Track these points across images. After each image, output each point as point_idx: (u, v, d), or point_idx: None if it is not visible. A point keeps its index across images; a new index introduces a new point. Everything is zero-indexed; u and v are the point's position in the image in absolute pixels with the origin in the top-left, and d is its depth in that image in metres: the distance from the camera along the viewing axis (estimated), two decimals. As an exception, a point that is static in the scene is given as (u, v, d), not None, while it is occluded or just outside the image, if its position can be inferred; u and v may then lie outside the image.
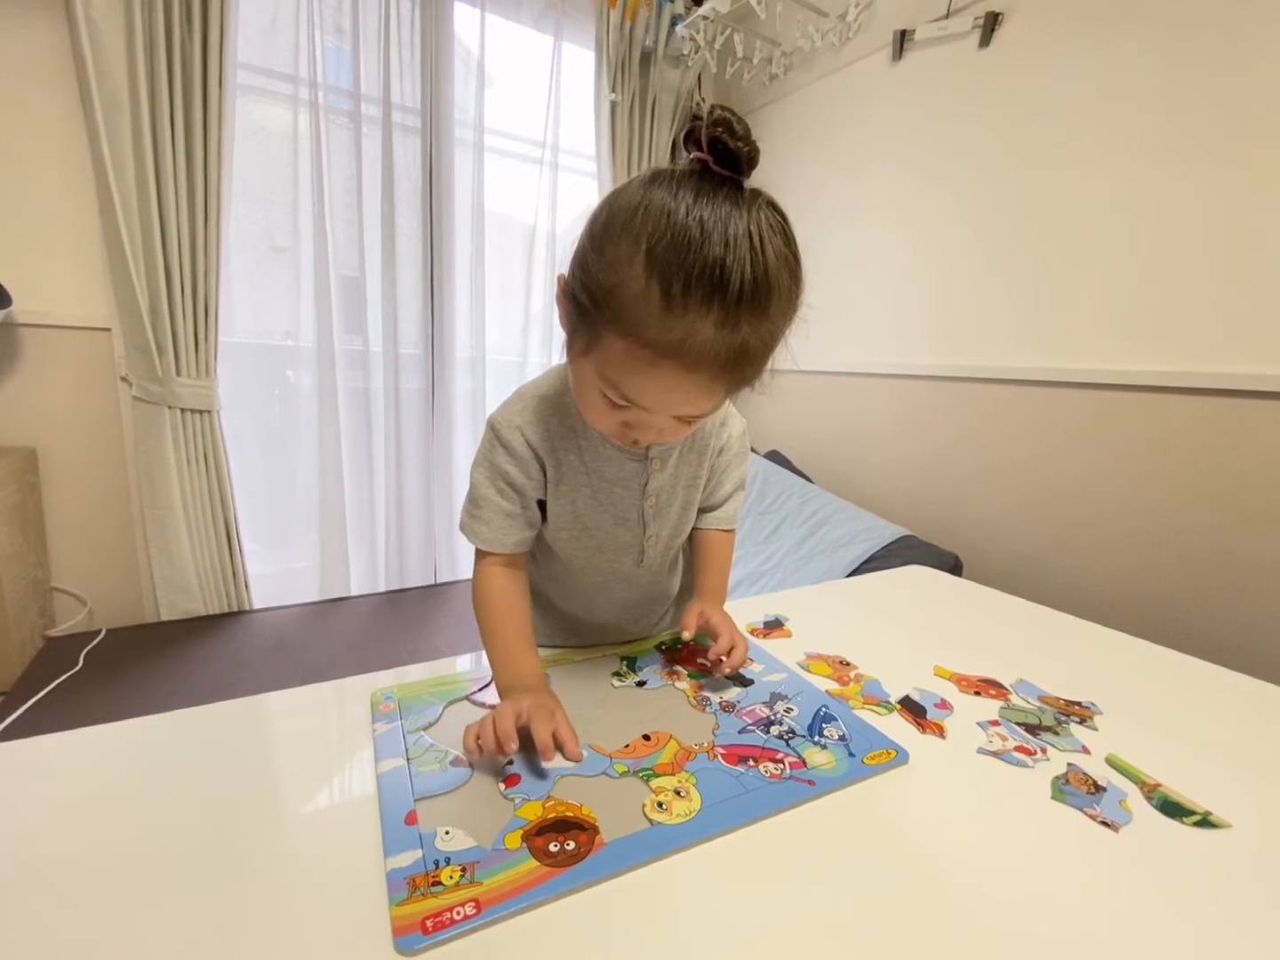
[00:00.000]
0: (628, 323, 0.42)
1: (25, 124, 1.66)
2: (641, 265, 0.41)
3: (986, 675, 0.66)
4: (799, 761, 0.50)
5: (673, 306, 0.41)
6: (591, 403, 0.50)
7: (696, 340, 0.42)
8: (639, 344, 0.42)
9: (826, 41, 2.08)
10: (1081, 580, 1.52)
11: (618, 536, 0.64)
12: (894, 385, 1.99)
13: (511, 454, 0.58)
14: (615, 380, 0.46)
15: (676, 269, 0.40)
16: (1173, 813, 0.46)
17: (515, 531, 0.60)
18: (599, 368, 0.47)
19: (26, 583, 1.69)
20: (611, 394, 0.47)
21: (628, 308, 0.42)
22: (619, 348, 0.44)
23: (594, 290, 0.44)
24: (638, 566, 0.66)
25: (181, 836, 0.40)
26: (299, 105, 1.94)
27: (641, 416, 0.48)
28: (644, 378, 0.45)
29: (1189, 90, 1.29)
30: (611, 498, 0.61)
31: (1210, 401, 1.30)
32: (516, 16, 2.26)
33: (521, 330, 2.47)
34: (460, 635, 2.03)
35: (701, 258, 0.40)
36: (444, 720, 0.54)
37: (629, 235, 0.42)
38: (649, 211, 0.42)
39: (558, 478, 0.60)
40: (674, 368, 0.43)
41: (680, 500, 0.65)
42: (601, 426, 0.53)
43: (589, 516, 0.62)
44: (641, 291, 0.41)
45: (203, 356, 1.86)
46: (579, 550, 0.64)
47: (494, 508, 0.59)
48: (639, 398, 0.46)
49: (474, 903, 0.35)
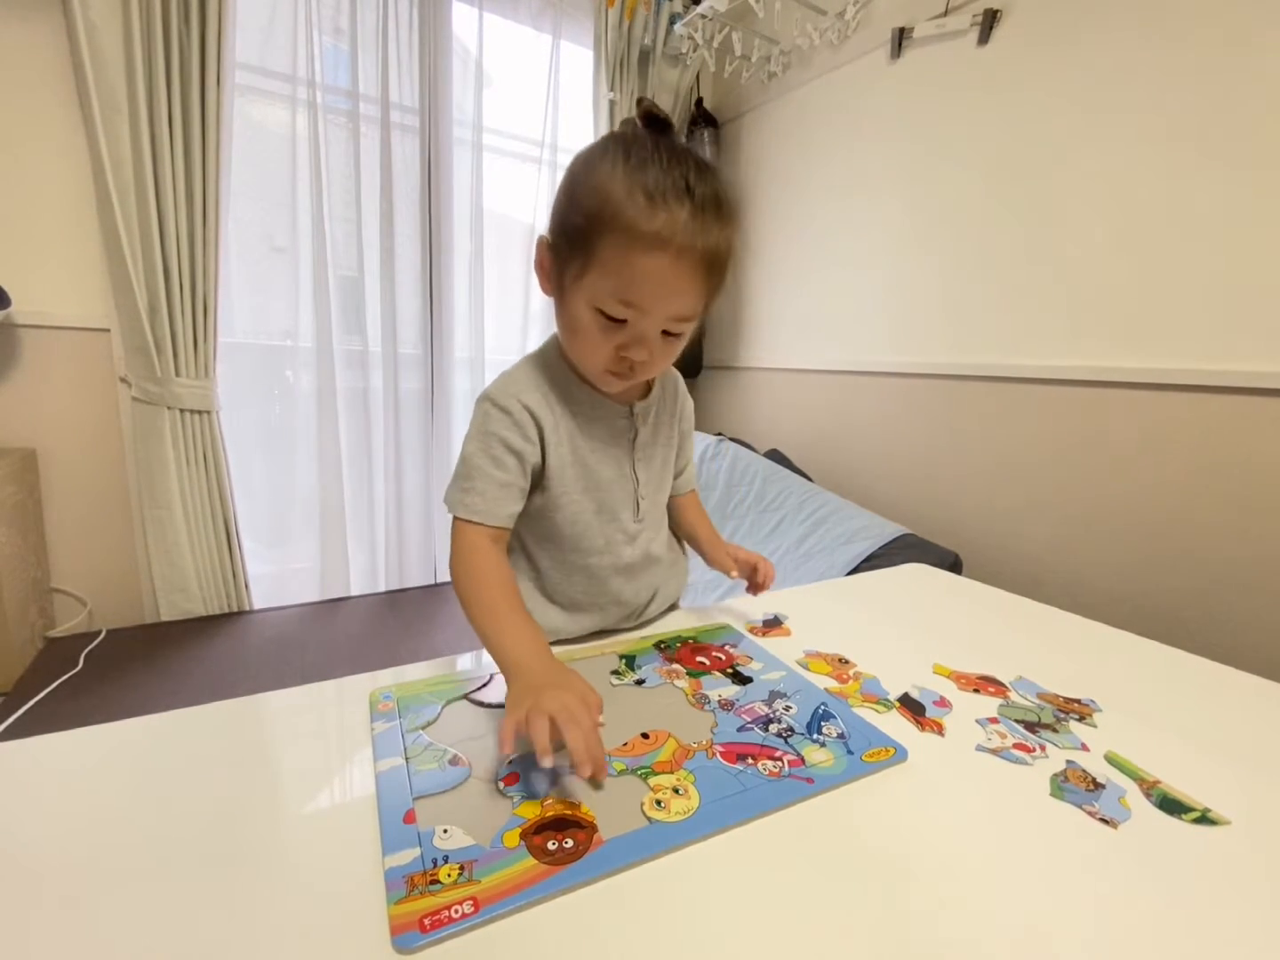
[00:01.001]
0: (619, 224, 0.50)
1: (24, 125, 1.66)
2: (622, 178, 0.51)
3: (985, 673, 0.66)
4: (798, 759, 0.50)
5: (654, 201, 0.50)
6: (588, 331, 0.56)
7: (678, 229, 0.50)
8: (632, 237, 0.50)
9: (825, 39, 2.08)
10: (1081, 578, 1.52)
11: (614, 492, 0.68)
12: (893, 383, 1.99)
13: (511, 417, 0.60)
14: (614, 284, 0.52)
15: (652, 177, 0.50)
16: (1172, 809, 0.46)
17: (509, 502, 0.61)
18: (596, 282, 0.53)
19: (26, 583, 1.69)
20: (609, 305, 0.53)
21: (617, 211, 0.50)
22: (614, 248, 0.51)
23: (583, 214, 0.52)
24: (635, 520, 0.70)
25: (181, 836, 0.40)
26: (297, 105, 1.94)
27: (637, 328, 0.55)
28: (640, 270, 0.51)
29: (1187, 88, 1.29)
30: (606, 455, 0.66)
31: (1210, 399, 1.30)
32: (514, 15, 2.26)
33: (520, 330, 2.47)
34: (459, 635, 2.03)
35: (668, 172, 0.51)
36: (443, 719, 0.54)
37: (605, 164, 0.52)
38: (619, 149, 0.53)
39: (556, 440, 0.63)
40: (663, 256, 0.51)
41: (660, 457, 0.72)
42: (597, 360, 0.58)
43: (590, 473, 0.66)
44: (626, 195, 0.50)
45: (202, 357, 1.86)
46: (582, 511, 0.66)
47: (488, 478, 0.60)
48: (637, 293, 0.52)
49: (472, 901, 0.35)
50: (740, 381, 2.63)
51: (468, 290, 2.32)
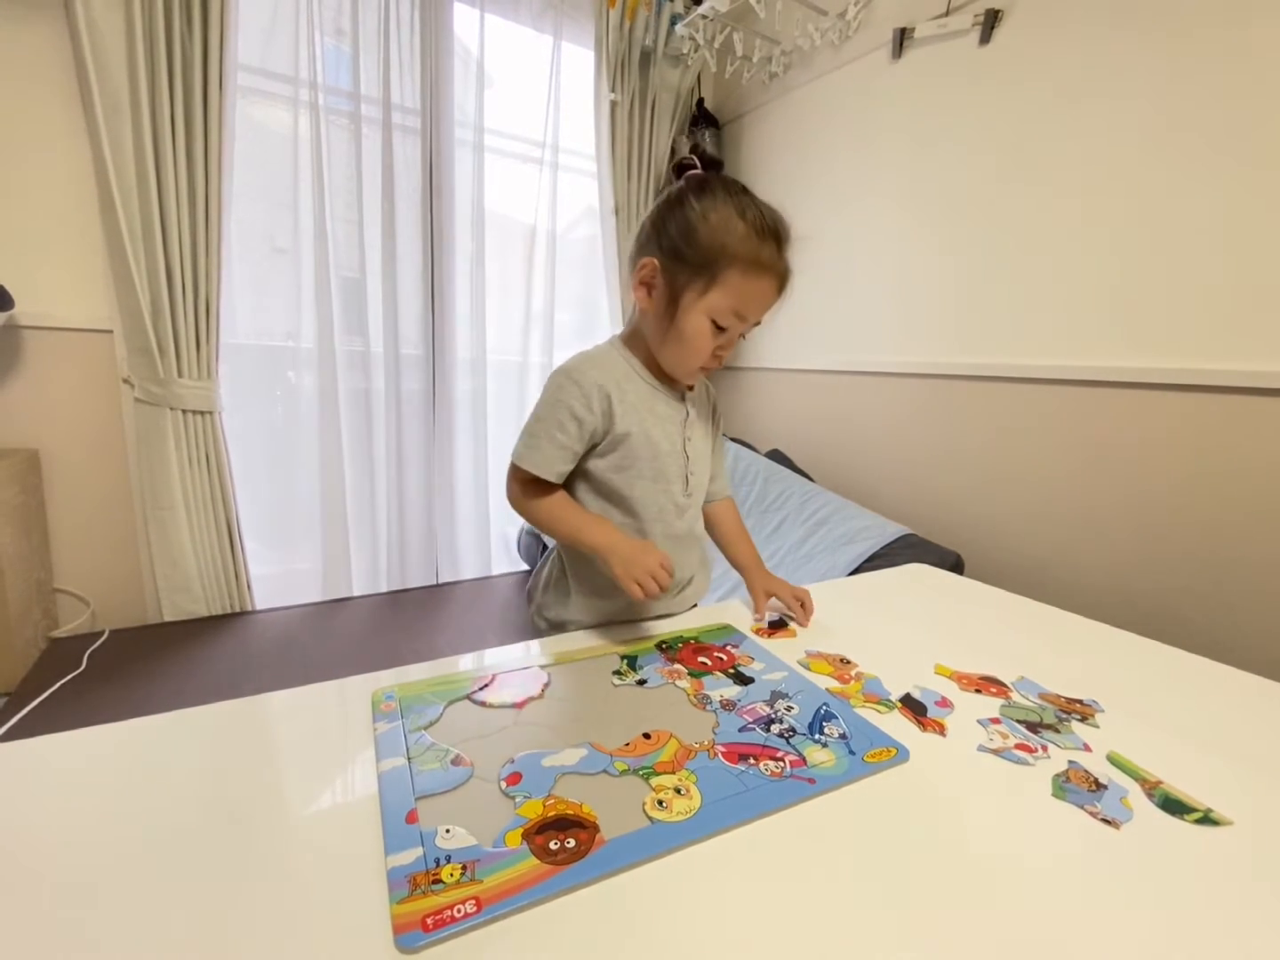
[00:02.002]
0: (742, 256, 0.67)
1: (26, 126, 1.67)
2: (739, 222, 0.67)
3: (987, 673, 0.66)
4: (799, 759, 0.50)
5: (763, 241, 0.68)
6: (698, 339, 0.71)
7: (776, 259, 0.69)
8: (751, 265, 0.68)
9: (826, 40, 2.07)
10: (1083, 578, 1.52)
11: (669, 464, 0.77)
12: (895, 384, 1.99)
13: (581, 389, 0.72)
14: (734, 302, 0.69)
15: (752, 218, 0.68)
16: (1174, 810, 0.46)
17: (560, 462, 0.74)
18: (718, 301, 0.69)
19: (30, 584, 1.70)
20: (724, 317, 0.69)
21: (739, 247, 0.67)
22: (738, 277, 0.68)
23: (710, 248, 0.68)
24: (685, 494, 0.79)
25: (183, 835, 0.40)
26: (299, 106, 1.95)
27: (733, 334, 0.72)
28: (755, 289, 0.69)
29: (1189, 87, 1.29)
30: (665, 430, 0.77)
31: (1212, 398, 1.29)
32: (516, 16, 2.26)
33: (522, 330, 2.47)
34: (461, 635, 2.03)
35: (762, 214, 0.69)
36: (445, 719, 0.54)
37: (722, 204, 0.68)
38: (727, 194, 0.69)
39: (624, 410, 0.74)
40: (768, 280, 0.69)
41: (702, 445, 0.83)
42: (699, 360, 0.73)
43: (652, 443, 0.76)
44: (745, 236, 0.67)
45: (204, 358, 1.86)
46: (642, 475, 0.76)
47: (549, 439, 0.72)
48: (747, 308, 0.70)
49: (474, 900, 0.36)
50: (742, 382, 2.63)
51: (469, 291, 2.32)
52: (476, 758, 0.48)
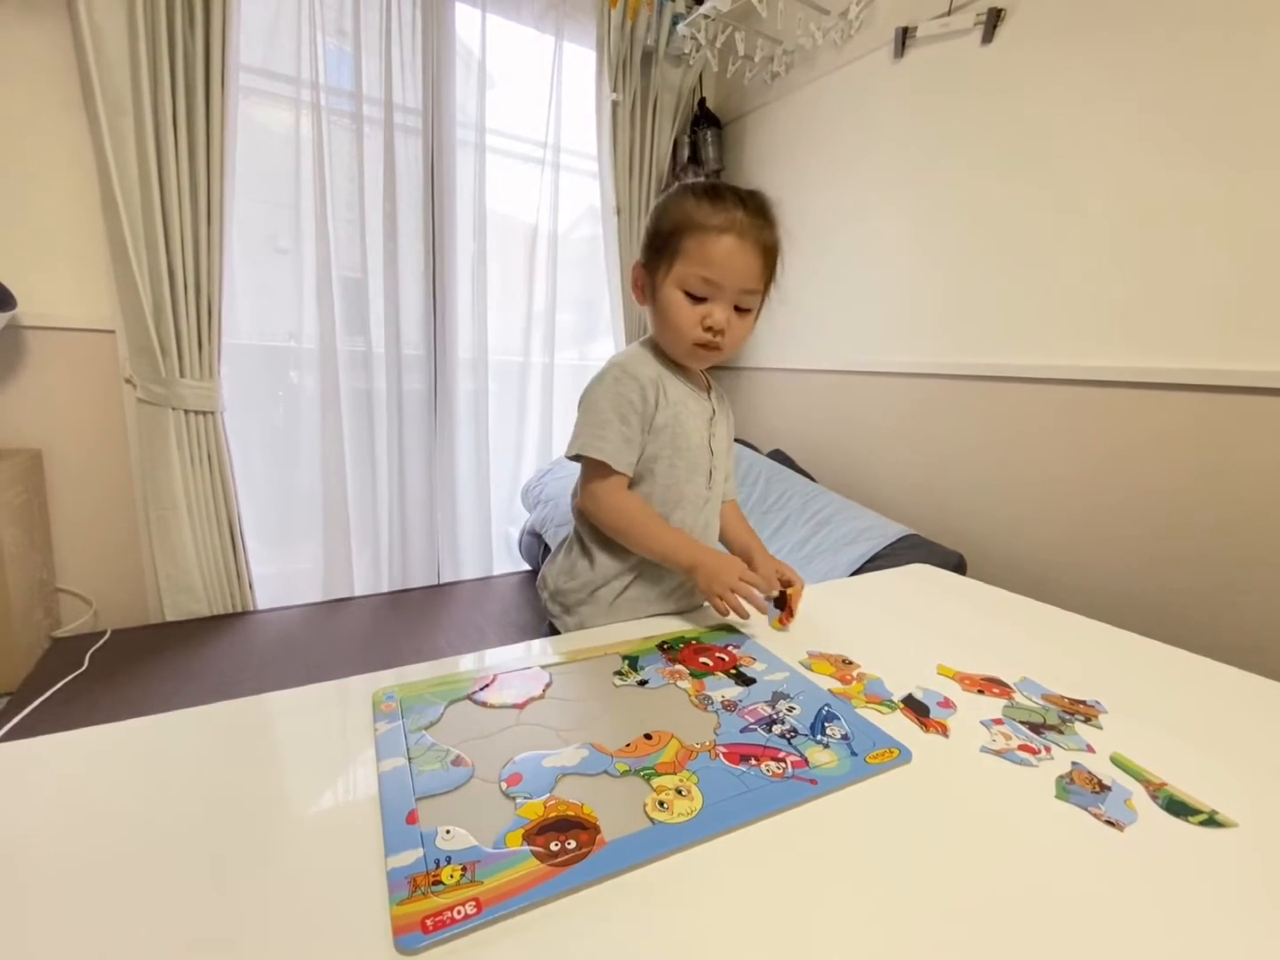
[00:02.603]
0: (694, 225, 0.69)
1: (28, 127, 1.67)
2: (692, 199, 0.71)
3: (990, 674, 0.65)
4: (801, 760, 0.49)
5: (716, 205, 0.70)
6: (677, 311, 0.72)
7: (738, 220, 0.69)
8: (704, 230, 0.69)
9: (828, 39, 2.07)
10: (1086, 578, 1.52)
11: (697, 457, 0.80)
12: (897, 384, 1.98)
13: (638, 382, 0.75)
14: (696, 266, 0.70)
15: (714, 193, 0.70)
16: (1178, 812, 0.46)
17: (629, 453, 0.75)
18: (682, 270, 0.71)
19: (32, 584, 1.70)
20: (693, 284, 0.70)
21: (691, 217, 0.70)
22: (693, 242, 0.70)
23: (668, 228, 0.71)
24: (707, 488, 0.82)
25: (183, 836, 0.40)
26: (301, 107, 1.95)
27: (715, 304, 0.71)
28: (714, 251, 0.69)
29: (1192, 86, 1.28)
30: (695, 424, 0.80)
31: (1216, 398, 1.29)
32: (517, 16, 2.26)
33: (523, 330, 2.47)
34: (462, 635, 2.03)
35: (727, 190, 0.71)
36: (445, 720, 0.54)
37: (679, 195, 0.73)
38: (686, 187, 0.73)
39: (665, 403, 0.76)
40: (730, 238, 0.69)
41: (724, 441, 0.85)
42: (686, 334, 0.73)
43: (685, 435, 0.78)
44: (695, 206, 0.70)
45: (206, 358, 1.87)
46: (675, 465, 0.78)
47: (616, 431, 0.74)
48: (713, 270, 0.70)
49: (474, 902, 0.35)
50: (743, 382, 2.63)
51: (471, 291, 2.32)
52: (477, 758, 0.48)
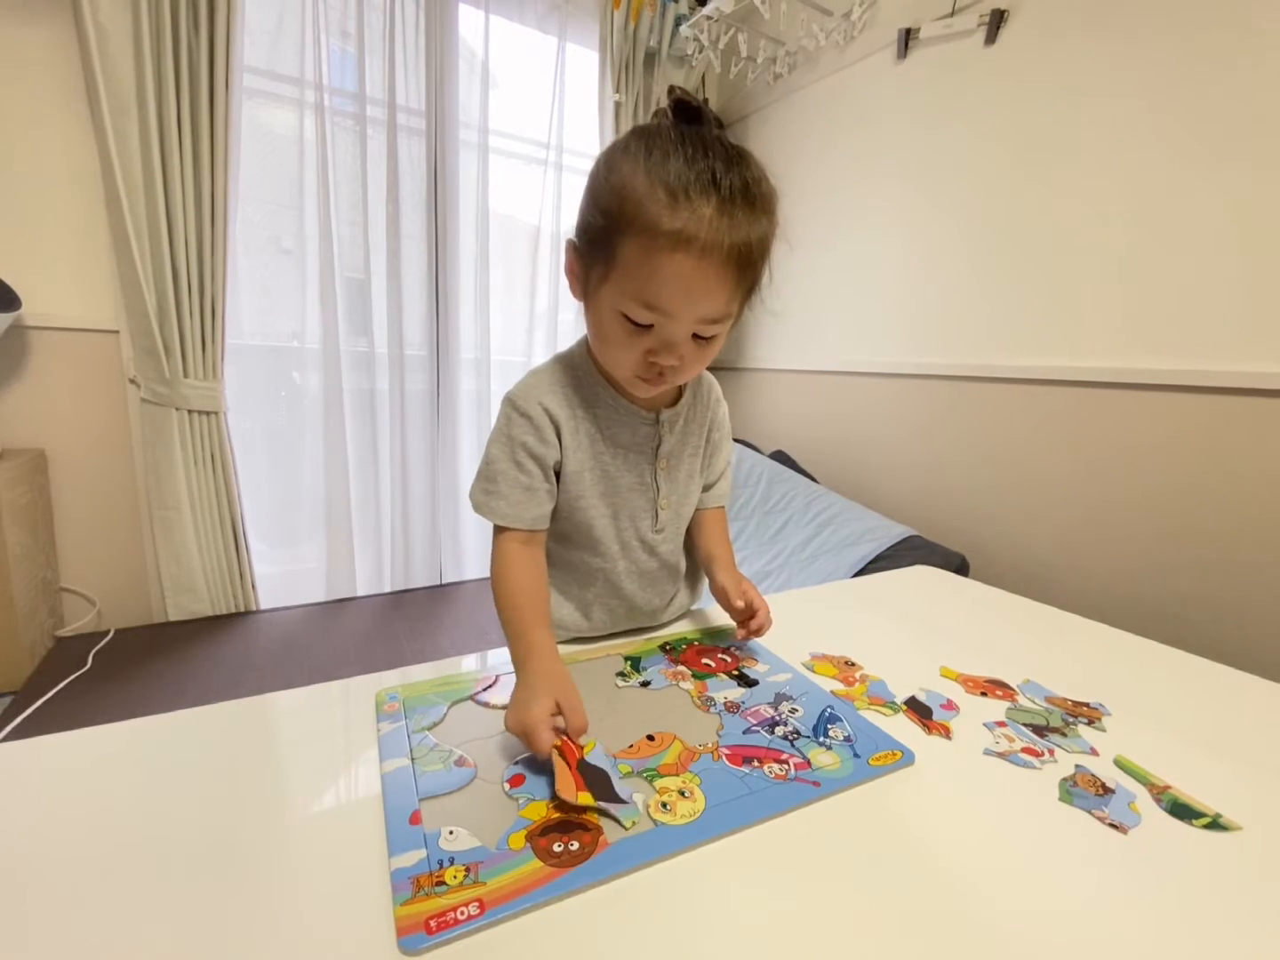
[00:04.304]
0: (640, 222, 0.47)
1: (33, 127, 1.68)
2: (643, 175, 0.48)
3: (993, 676, 0.65)
4: (804, 762, 0.49)
5: (676, 198, 0.47)
6: (614, 336, 0.54)
7: (701, 226, 0.47)
8: (652, 237, 0.47)
9: (831, 40, 2.07)
10: (1089, 581, 1.51)
11: (633, 501, 0.66)
12: (900, 385, 1.98)
13: (531, 422, 0.60)
14: (638, 287, 0.50)
15: (674, 171, 0.47)
16: (1182, 815, 0.46)
17: (533, 506, 0.61)
18: (619, 285, 0.51)
19: (36, 583, 1.71)
20: (634, 309, 0.51)
21: (638, 208, 0.47)
22: (635, 249, 0.48)
23: (604, 211, 0.50)
24: (654, 531, 0.68)
25: (186, 835, 0.40)
26: (304, 108, 1.95)
27: (664, 333, 0.52)
28: (662, 272, 0.48)
29: (1197, 86, 1.28)
30: (627, 462, 0.65)
31: (1219, 400, 1.28)
32: (520, 18, 2.26)
33: (526, 331, 2.48)
34: (465, 635, 2.03)
35: (693, 164, 0.47)
36: (448, 720, 0.54)
37: (628, 160, 0.49)
38: (641, 144, 0.49)
39: (575, 444, 0.62)
40: (686, 256, 0.47)
41: (686, 468, 0.69)
42: (625, 364, 0.56)
43: (608, 479, 0.64)
44: (647, 191, 0.47)
45: (210, 358, 1.87)
46: (599, 516, 0.65)
47: (511, 482, 0.60)
48: (660, 297, 0.49)
49: (478, 903, 0.35)
50: (745, 382, 2.63)
51: (473, 292, 2.32)
52: (480, 759, 0.48)
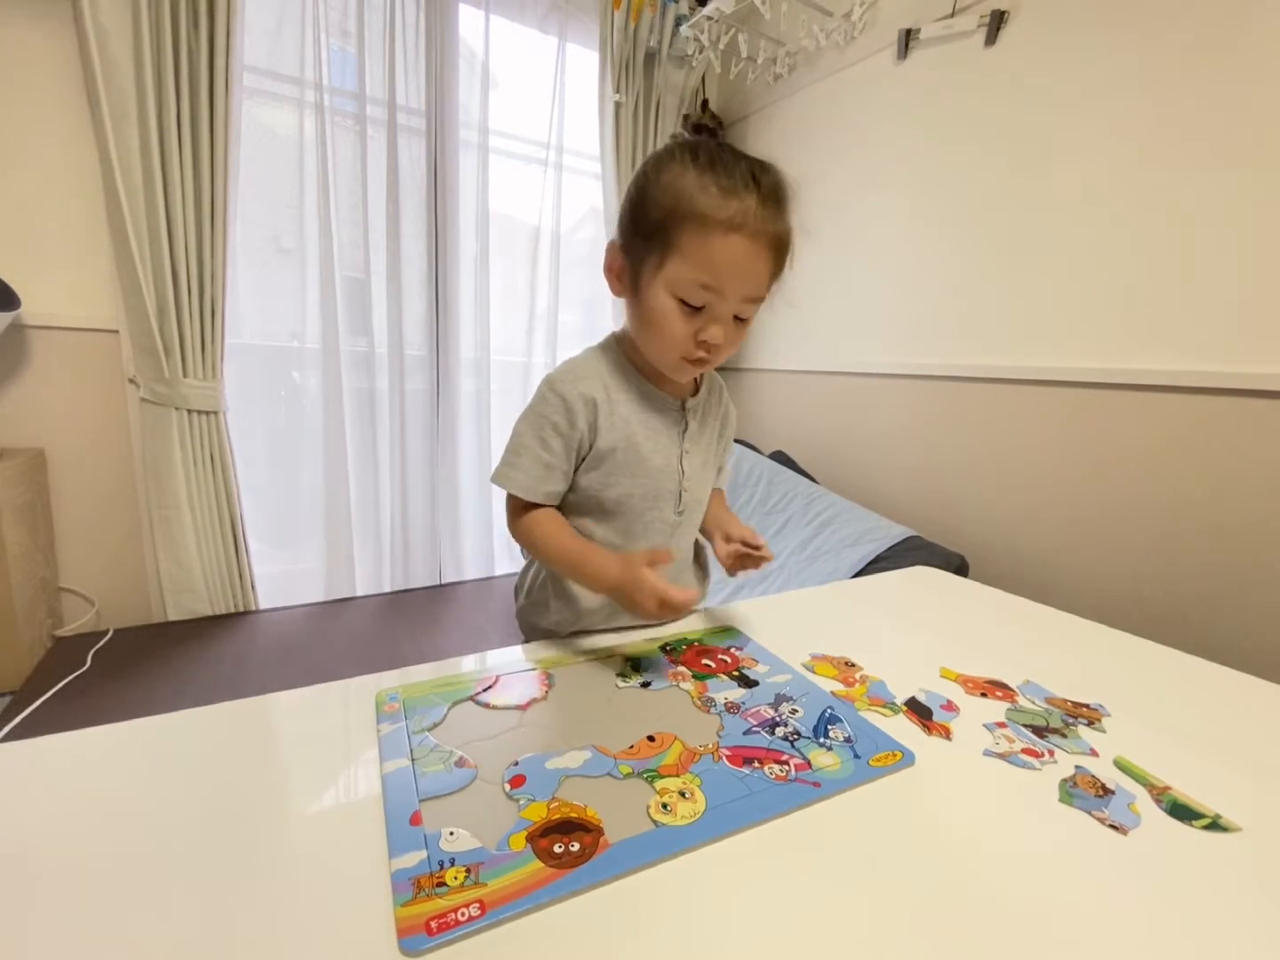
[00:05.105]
0: (697, 215, 0.56)
1: (33, 127, 1.67)
2: (693, 174, 0.56)
3: (993, 677, 0.65)
4: (804, 763, 0.49)
5: (726, 192, 0.55)
6: (667, 321, 0.61)
7: (749, 214, 0.56)
8: (710, 224, 0.56)
9: (831, 41, 2.07)
10: (1089, 581, 1.51)
11: (661, 482, 0.70)
12: (899, 385, 1.98)
13: (565, 403, 0.65)
14: (695, 270, 0.57)
15: (721, 171, 0.56)
16: (1182, 816, 0.46)
17: (549, 482, 0.67)
18: (676, 271, 0.58)
19: (35, 583, 1.70)
20: (690, 290, 0.58)
21: (693, 203, 0.56)
22: (693, 235, 0.56)
23: (658, 211, 0.57)
24: (676, 513, 0.72)
25: (186, 836, 0.40)
26: (304, 108, 1.95)
27: (714, 312, 0.60)
28: (719, 253, 0.56)
29: (1197, 88, 1.28)
30: (658, 444, 0.70)
31: (1219, 401, 1.29)
32: (520, 18, 2.26)
33: (526, 331, 2.48)
34: (465, 636, 2.03)
35: (735, 166, 0.57)
36: (449, 721, 0.54)
37: (675, 163, 0.58)
38: (686, 151, 0.58)
39: (610, 424, 0.67)
40: (740, 238, 0.56)
41: (703, 456, 0.75)
42: (675, 348, 0.63)
43: (641, 460, 0.69)
44: (699, 188, 0.56)
45: (209, 358, 1.87)
46: (630, 494, 0.69)
47: (533, 457, 0.66)
48: (717, 276, 0.57)
49: (478, 904, 0.35)
50: (745, 383, 2.63)
51: (473, 292, 2.32)
52: (480, 760, 0.48)
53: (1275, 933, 0.37)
